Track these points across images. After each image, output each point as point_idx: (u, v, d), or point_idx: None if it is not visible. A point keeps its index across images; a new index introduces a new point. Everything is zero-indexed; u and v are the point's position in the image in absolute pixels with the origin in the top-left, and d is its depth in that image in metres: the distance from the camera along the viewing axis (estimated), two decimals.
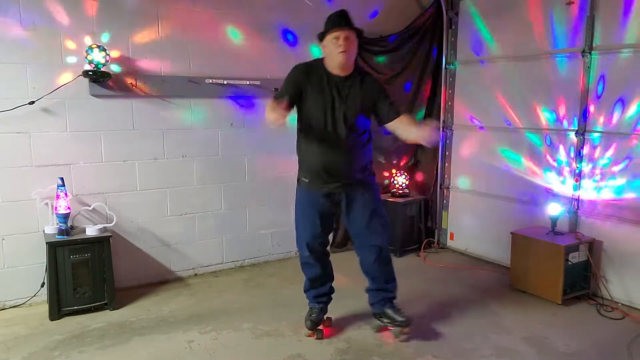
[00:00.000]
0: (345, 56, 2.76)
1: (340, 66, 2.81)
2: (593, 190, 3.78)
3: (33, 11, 3.40)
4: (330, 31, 2.77)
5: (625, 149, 3.56)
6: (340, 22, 2.78)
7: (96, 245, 3.47)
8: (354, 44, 2.80)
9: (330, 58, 2.82)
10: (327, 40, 2.79)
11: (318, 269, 3.09)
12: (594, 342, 3.10)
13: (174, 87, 3.91)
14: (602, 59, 3.65)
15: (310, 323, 3.09)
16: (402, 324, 3.06)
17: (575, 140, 3.84)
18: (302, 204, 3.06)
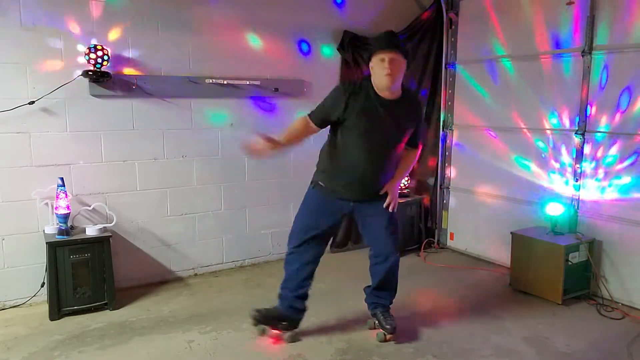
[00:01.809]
0: (391, 79, 2.72)
1: (387, 88, 2.77)
2: (593, 190, 3.78)
3: (33, 11, 3.40)
4: (377, 52, 2.75)
5: (626, 149, 3.56)
6: (386, 44, 2.75)
7: (96, 245, 3.47)
8: (400, 66, 2.76)
9: (377, 79, 2.78)
10: (374, 62, 2.78)
11: (295, 267, 3.03)
12: (594, 342, 3.11)
13: (174, 87, 3.91)
14: (603, 59, 3.65)
15: (257, 314, 2.99)
16: (386, 331, 3.06)
17: (575, 140, 3.85)
18: (307, 201, 3.07)
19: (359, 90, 2.83)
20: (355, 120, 2.81)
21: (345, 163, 2.90)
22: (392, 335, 3.06)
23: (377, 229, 3.03)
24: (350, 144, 2.86)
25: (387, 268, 3.04)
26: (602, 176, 3.71)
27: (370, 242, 3.12)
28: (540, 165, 4.14)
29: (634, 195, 3.53)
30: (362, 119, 2.80)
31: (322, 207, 3.00)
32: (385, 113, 2.81)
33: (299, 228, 3.05)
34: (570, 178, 3.90)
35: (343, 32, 4.57)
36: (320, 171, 3.03)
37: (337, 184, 2.93)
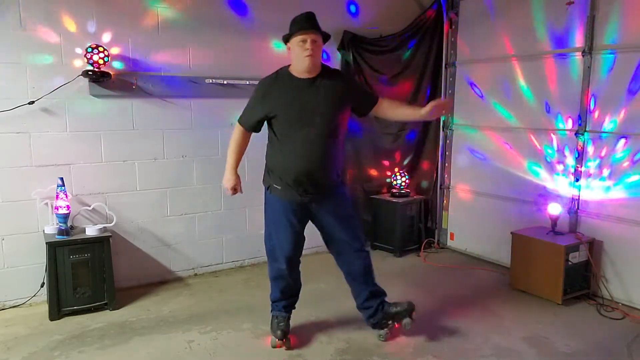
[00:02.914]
0: (312, 60, 2.70)
1: (307, 70, 2.74)
2: (593, 190, 3.78)
3: (33, 11, 3.40)
4: (296, 34, 2.72)
5: (626, 149, 3.56)
6: (306, 25, 2.73)
7: (96, 245, 3.47)
8: (320, 47, 2.76)
9: (296, 61, 2.75)
10: (293, 43, 2.74)
11: (291, 281, 3.01)
12: (594, 342, 3.11)
13: (174, 87, 3.91)
14: (602, 59, 3.64)
15: (281, 333, 2.97)
16: (410, 307, 3.01)
17: (575, 140, 3.85)
18: (276, 214, 2.95)
19: (276, 81, 2.82)
20: (281, 112, 2.78)
21: (286, 159, 2.82)
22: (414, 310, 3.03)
23: (332, 230, 2.94)
24: (285, 138, 2.81)
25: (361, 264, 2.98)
26: (603, 176, 3.71)
27: (333, 241, 3.00)
28: (540, 165, 4.13)
29: (634, 195, 3.53)
30: (288, 108, 2.77)
31: (287, 214, 2.89)
32: (310, 94, 2.75)
33: (283, 245, 2.94)
34: (571, 178, 3.90)
35: (343, 32, 4.57)
36: (268, 171, 2.98)
37: (283, 182, 2.85)
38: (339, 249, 3.02)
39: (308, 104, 2.76)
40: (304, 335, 3.14)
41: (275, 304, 3.10)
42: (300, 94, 2.77)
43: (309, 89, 2.77)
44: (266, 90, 2.84)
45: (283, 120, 2.80)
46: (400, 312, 3.04)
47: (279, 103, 2.79)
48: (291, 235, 2.92)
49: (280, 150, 2.86)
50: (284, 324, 3.01)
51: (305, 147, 2.77)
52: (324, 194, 2.88)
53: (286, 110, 2.78)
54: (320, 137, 2.77)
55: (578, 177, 3.84)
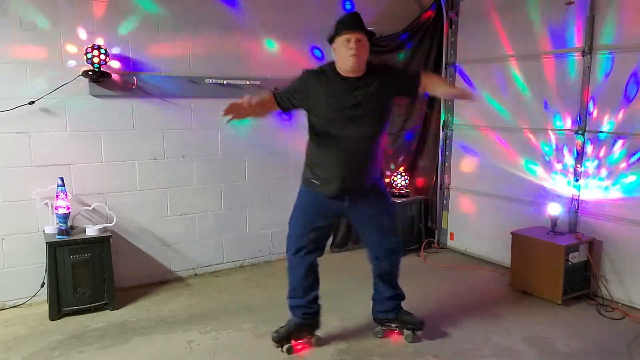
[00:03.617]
0: (357, 59, 2.66)
1: (352, 69, 2.71)
2: (593, 190, 3.78)
3: (33, 11, 3.40)
4: (341, 33, 2.67)
5: (627, 149, 3.56)
6: (351, 25, 2.70)
7: (96, 245, 3.47)
8: (365, 46, 2.70)
9: (341, 61, 2.71)
10: (338, 43, 2.71)
11: (300, 275, 2.95)
12: (594, 342, 3.10)
13: (174, 87, 3.91)
14: (602, 59, 3.64)
15: (276, 335, 2.94)
16: (418, 326, 3.05)
17: (575, 140, 3.84)
18: (304, 204, 2.96)
19: (321, 76, 2.78)
20: (322, 109, 2.75)
21: (325, 156, 2.81)
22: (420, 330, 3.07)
23: (371, 231, 2.95)
24: (325, 136, 2.78)
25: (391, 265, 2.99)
26: (603, 176, 3.71)
27: (367, 242, 3.01)
28: (540, 165, 4.14)
29: (634, 195, 3.53)
30: (330, 106, 2.73)
31: (315, 207, 2.90)
32: (355, 94, 2.72)
33: (296, 233, 2.95)
34: (571, 178, 3.90)
35: None
36: (306, 166, 2.92)
37: (323, 179, 2.82)
38: (370, 247, 3.02)
39: (351, 104, 2.72)
40: None
41: (288, 301, 3.03)
42: (344, 93, 2.73)
43: (354, 89, 2.73)
44: (309, 83, 2.78)
45: (323, 118, 2.77)
46: (409, 323, 3.07)
47: (321, 100, 2.75)
48: (310, 227, 2.90)
49: (319, 148, 2.84)
50: (285, 328, 2.97)
51: (345, 147, 2.75)
52: (361, 192, 2.86)
53: (328, 108, 2.74)
54: (360, 137, 2.75)
55: (578, 177, 3.84)
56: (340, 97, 2.73)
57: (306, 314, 2.99)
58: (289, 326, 2.99)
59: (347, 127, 2.73)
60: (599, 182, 3.73)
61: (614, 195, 3.65)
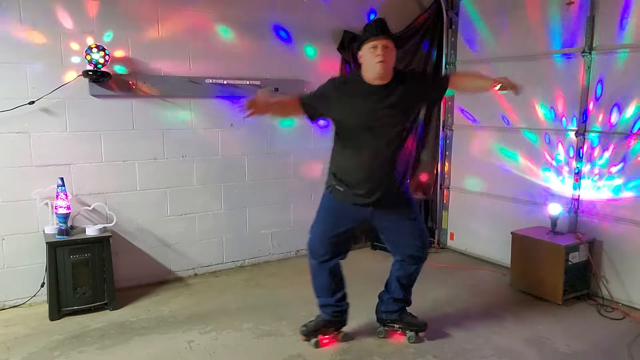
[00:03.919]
0: (384, 66, 2.65)
1: (379, 76, 2.69)
2: (593, 190, 3.78)
3: (33, 11, 3.40)
4: (368, 40, 2.66)
5: (625, 149, 3.56)
6: (377, 31, 2.68)
7: (96, 245, 3.47)
8: (392, 53, 2.69)
9: (368, 68, 2.70)
10: (364, 50, 2.70)
11: (325, 279, 2.98)
12: (594, 342, 3.11)
13: (174, 87, 3.91)
14: (602, 59, 3.65)
15: (305, 329, 3.02)
16: (420, 327, 3.06)
17: (575, 140, 3.85)
18: (327, 210, 2.94)
19: (348, 84, 2.78)
20: (348, 117, 2.75)
21: (351, 162, 2.81)
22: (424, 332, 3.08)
23: (397, 234, 2.93)
24: (351, 142, 2.78)
25: (413, 271, 2.98)
26: (602, 176, 3.71)
27: (394, 244, 2.99)
28: (540, 165, 4.14)
29: (634, 195, 3.53)
30: (355, 114, 2.73)
31: (338, 214, 2.89)
32: (380, 102, 2.72)
33: (318, 240, 2.94)
34: (570, 178, 3.90)
35: (343, 32, 4.58)
36: (331, 173, 2.91)
37: (348, 186, 2.82)
38: (394, 252, 3.02)
39: (376, 112, 2.72)
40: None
41: (317, 299, 3.08)
42: (370, 101, 2.72)
43: (380, 96, 2.72)
44: (335, 91, 2.77)
45: (349, 125, 2.76)
46: (413, 325, 3.07)
47: (346, 108, 2.74)
48: (331, 233, 2.90)
49: (345, 155, 2.84)
50: (314, 323, 3.03)
51: (370, 153, 2.75)
52: (386, 198, 2.84)
53: (353, 116, 2.73)
54: (386, 144, 2.75)
55: (578, 177, 3.84)
56: (366, 105, 2.72)
57: (335, 312, 3.04)
58: (318, 321, 3.03)
59: (373, 134, 2.73)
60: (599, 182, 3.73)
61: (614, 195, 3.65)
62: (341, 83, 2.83)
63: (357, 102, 2.73)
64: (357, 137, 2.76)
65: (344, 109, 2.75)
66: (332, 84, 2.81)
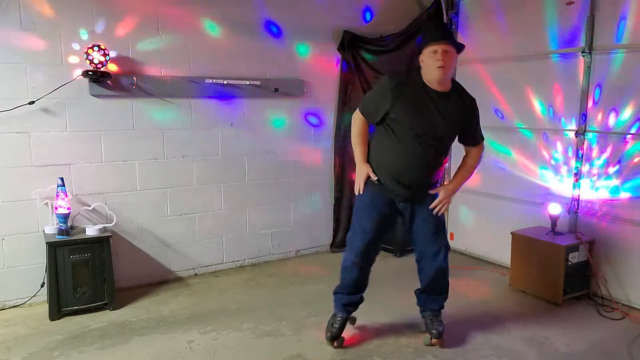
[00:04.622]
0: (443, 71, 2.65)
1: (438, 81, 2.71)
2: (593, 190, 3.78)
3: (33, 11, 3.40)
4: (429, 44, 2.66)
5: (626, 149, 3.56)
6: (439, 35, 2.68)
7: (96, 245, 3.47)
8: (452, 58, 2.69)
9: (428, 72, 2.71)
10: (425, 54, 2.70)
11: (358, 276, 3.00)
12: (593, 342, 3.11)
13: (174, 87, 3.91)
14: (602, 59, 3.65)
15: (331, 336, 3.00)
16: (432, 335, 3.02)
17: (575, 140, 3.85)
18: (365, 205, 2.94)
19: (407, 81, 2.77)
20: (402, 112, 2.74)
21: (391, 157, 2.81)
22: (437, 340, 3.00)
23: (424, 230, 2.93)
24: (396, 138, 2.78)
25: (432, 272, 2.97)
26: (602, 176, 3.71)
27: (417, 243, 3.01)
28: (540, 165, 4.14)
29: (634, 195, 3.53)
30: (410, 111, 2.73)
31: (377, 209, 2.90)
32: (433, 106, 2.72)
33: (358, 236, 2.94)
34: (570, 178, 3.90)
35: (343, 32, 4.58)
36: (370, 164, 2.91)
37: (384, 180, 2.84)
38: (420, 252, 3.03)
39: (431, 116, 2.73)
40: (303, 335, 3.15)
41: (335, 296, 3.08)
42: (428, 104, 2.73)
43: (438, 102, 2.73)
44: (397, 86, 2.76)
45: (402, 123, 2.75)
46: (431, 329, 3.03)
47: (405, 105, 2.73)
48: (372, 225, 2.91)
49: (386, 150, 2.83)
50: (338, 325, 3.01)
51: (413, 155, 2.76)
52: (418, 199, 2.88)
53: (408, 114, 2.73)
54: (430, 149, 2.77)
55: (578, 177, 3.84)
56: (421, 106, 2.73)
57: (353, 307, 3.07)
58: (340, 323, 3.02)
59: (416, 136, 2.74)
60: (599, 182, 3.73)
61: (614, 196, 3.65)
62: (404, 78, 2.81)
63: (415, 101, 2.73)
64: (405, 135, 2.76)
65: (402, 104, 2.73)
66: (389, 81, 2.79)
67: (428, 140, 2.75)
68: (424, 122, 2.73)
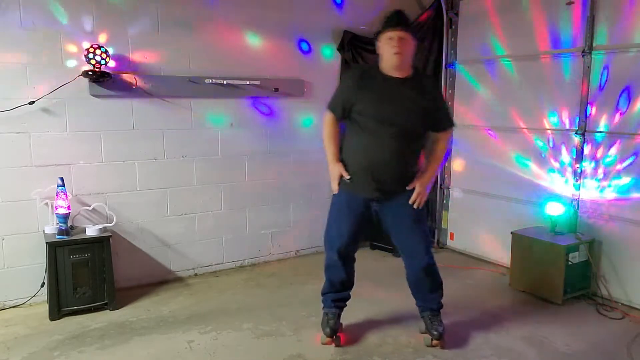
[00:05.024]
0: (400, 57, 2.67)
1: (395, 67, 2.71)
2: (593, 190, 3.78)
3: (33, 11, 3.40)
4: (385, 31, 2.70)
5: (626, 149, 3.56)
6: (395, 22, 2.70)
7: (96, 245, 3.47)
8: (409, 45, 2.71)
9: (385, 59, 2.73)
10: (382, 41, 2.73)
11: (343, 274, 3.01)
12: (593, 342, 3.11)
13: (174, 87, 3.91)
14: (603, 59, 3.65)
15: (330, 330, 2.99)
16: (432, 336, 2.99)
17: (575, 140, 3.85)
18: (339, 205, 2.94)
19: (369, 72, 2.78)
20: (367, 103, 2.74)
21: (360, 153, 2.80)
22: (438, 341, 2.97)
23: (401, 231, 2.91)
24: (365, 132, 2.77)
25: (421, 269, 2.92)
26: (602, 176, 3.71)
27: (398, 241, 2.98)
28: (540, 165, 4.14)
29: (634, 195, 3.53)
30: (374, 102, 2.73)
31: (350, 207, 2.89)
32: (397, 92, 2.72)
33: (335, 235, 2.95)
34: (570, 178, 3.91)
35: (343, 32, 4.57)
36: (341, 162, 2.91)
37: (356, 176, 2.82)
38: (401, 250, 3.02)
39: (392, 103, 2.73)
40: (303, 335, 3.15)
41: (325, 296, 3.10)
42: (388, 92, 2.73)
43: (397, 89, 2.73)
44: (360, 78, 2.78)
45: (364, 113, 2.76)
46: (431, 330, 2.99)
47: (367, 95, 2.75)
48: (349, 227, 2.91)
49: (355, 144, 2.84)
50: (333, 322, 3.01)
51: (380, 145, 2.74)
52: (393, 193, 2.84)
53: (371, 105, 2.74)
54: (397, 138, 2.73)
55: (577, 177, 3.84)
56: (381, 94, 2.73)
57: (340, 307, 3.10)
58: (335, 320, 3.03)
59: (381, 125, 2.73)
60: (599, 182, 3.73)
61: (614, 195, 3.65)
62: (362, 72, 2.83)
63: (375, 90, 2.74)
64: (368, 127, 2.76)
65: (363, 99, 2.75)
66: (353, 72, 2.83)
67: (397, 129, 2.72)
68: (389, 111, 2.72)
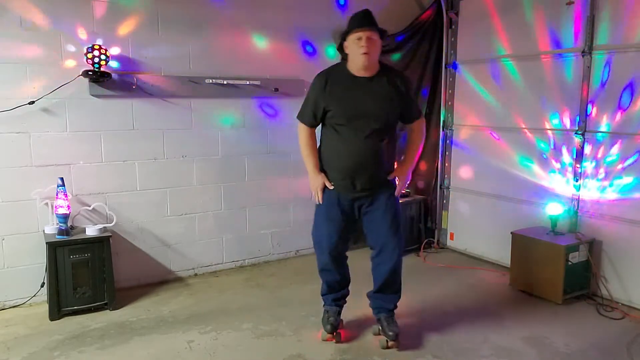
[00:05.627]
0: (368, 57, 2.69)
1: (363, 67, 2.74)
2: (593, 190, 3.78)
3: (33, 11, 3.40)
4: (353, 31, 2.71)
5: (626, 149, 3.56)
6: (362, 22, 2.71)
7: (96, 245, 3.47)
8: (376, 44, 2.73)
9: (353, 59, 2.75)
10: (349, 41, 2.74)
11: (337, 275, 3.05)
12: (594, 342, 3.11)
13: (174, 87, 3.91)
14: (603, 59, 3.64)
15: (331, 327, 3.02)
16: (388, 337, 2.99)
17: (575, 140, 3.85)
18: (324, 206, 2.96)
19: (332, 75, 2.81)
20: (335, 107, 2.77)
21: (337, 153, 2.84)
22: (394, 342, 2.98)
23: (378, 226, 2.93)
24: (340, 135, 2.81)
25: (389, 269, 2.95)
26: (603, 176, 3.71)
27: (372, 241, 3.02)
28: (540, 165, 4.14)
29: (634, 195, 3.53)
30: (343, 103, 2.76)
31: (335, 208, 2.91)
32: (365, 91, 2.75)
33: (325, 237, 2.96)
34: (571, 178, 3.90)
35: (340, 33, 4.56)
36: (321, 164, 2.95)
37: (336, 177, 2.86)
38: (374, 250, 3.03)
39: (362, 102, 2.75)
40: (303, 335, 3.15)
41: (324, 297, 3.15)
42: (356, 91, 2.76)
43: (365, 87, 2.76)
44: (324, 83, 2.81)
45: (336, 116, 2.79)
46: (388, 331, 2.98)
47: (335, 97, 2.78)
48: (336, 228, 2.93)
49: (331, 145, 2.87)
50: (334, 318, 3.04)
51: (355, 144, 2.77)
52: (372, 191, 2.88)
53: (340, 106, 2.77)
54: (370, 135, 2.77)
55: (577, 177, 3.84)
56: (349, 95, 2.76)
57: (341, 305, 3.14)
58: (335, 316, 3.06)
59: (354, 124, 2.76)
60: (599, 183, 3.73)
61: (614, 195, 3.65)
62: (328, 75, 2.84)
63: (342, 91, 2.77)
64: (341, 127, 2.79)
65: (332, 101, 2.78)
66: (318, 80, 2.85)
67: (371, 129, 2.75)
68: (361, 111, 2.74)
